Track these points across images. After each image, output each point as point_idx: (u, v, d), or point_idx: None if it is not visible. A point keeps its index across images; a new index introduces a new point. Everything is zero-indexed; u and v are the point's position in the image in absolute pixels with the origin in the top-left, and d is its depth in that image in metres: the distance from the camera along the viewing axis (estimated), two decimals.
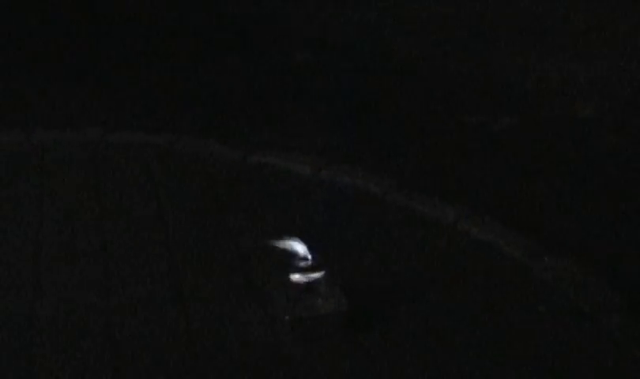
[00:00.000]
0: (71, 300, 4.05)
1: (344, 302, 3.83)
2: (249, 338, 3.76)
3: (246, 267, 4.28)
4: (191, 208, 4.85)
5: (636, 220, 4.79)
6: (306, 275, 3.87)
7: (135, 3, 8.66)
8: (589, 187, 5.18)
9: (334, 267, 4.03)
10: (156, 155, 5.50)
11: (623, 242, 4.58)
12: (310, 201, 4.89)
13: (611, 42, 7.51)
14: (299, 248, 3.91)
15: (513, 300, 3.99)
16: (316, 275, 3.86)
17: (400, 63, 7.32)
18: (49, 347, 3.74)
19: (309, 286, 3.86)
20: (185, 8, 8.64)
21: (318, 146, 5.64)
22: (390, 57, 7.47)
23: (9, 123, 6.11)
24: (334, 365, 3.60)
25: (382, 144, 5.78)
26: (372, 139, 5.88)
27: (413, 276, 4.18)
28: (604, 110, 6.27)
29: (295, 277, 3.88)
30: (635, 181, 5.23)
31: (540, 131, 6.02)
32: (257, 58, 7.49)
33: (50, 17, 8.27)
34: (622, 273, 4.23)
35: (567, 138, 5.89)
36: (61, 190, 5.12)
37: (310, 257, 3.89)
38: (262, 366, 3.59)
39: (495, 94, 6.63)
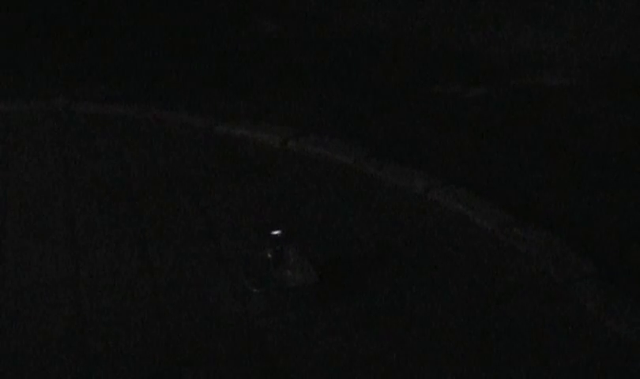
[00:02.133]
0: (37, 271, 4.00)
1: (314, 274, 3.80)
2: (219, 311, 3.73)
3: (215, 239, 4.23)
4: (160, 179, 4.80)
5: (608, 189, 4.79)
6: (275, 248, 3.83)
7: None
8: (560, 156, 5.18)
9: (304, 239, 4.00)
10: (124, 126, 5.45)
11: (596, 212, 4.58)
12: (279, 172, 4.85)
13: (582, 12, 7.51)
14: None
15: (483, 270, 3.98)
16: (285, 247, 3.82)
17: (371, 34, 7.29)
18: (15, 319, 3.69)
19: (278, 258, 3.82)
20: None
21: (287, 116, 5.60)
22: (362, 27, 7.43)
23: None
24: (304, 336, 3.57)
25: (353, 115, 5.75)
26: (343, 109, 5.84)
27: (383, 247, 4.16)
28: (574, 79, 6.27)
29: (265, 250, 3.85)
30: (606, 150, 5.24)
31: (511, 101, 6.01)
32: (227, 29, 7.43)
33: None
34: (594, 243, 4.23)
35: (538, 108, 5.88)
36: (26, 161, 5.06)
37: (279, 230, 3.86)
38: (232, 338, 3.56)
39: (466, 64, 6.61)
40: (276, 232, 3.87)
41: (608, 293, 3.79)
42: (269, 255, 3.85)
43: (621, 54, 6.61)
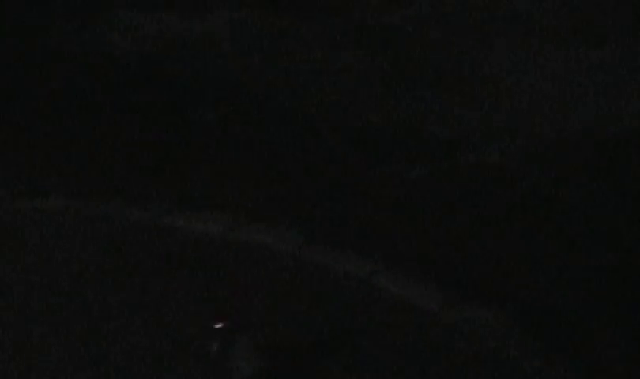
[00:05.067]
0: None
1: (262, 363, 3.79)
2: None
3: (161, 332, 4.21)
4: (105, 273, 4.76)
5: (551, 266, 4.84)
6: (221, 340, 3.82)
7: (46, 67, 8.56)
8: (502, 234, 5.23)
9: (251, 328, 3.99)
10: (64, 220, 5.40)
11: (540, 289, 4.61)
12: (224, 263, 4.84)
13: (522, 90, 7.63)
14: None
15: (430, 352, 3.99)
16: (232, 338, 3.82)
17: (310, 113, 7.34)
18: None
19: (225, 350, 3.81)
20: (85, 70, 8.56)
21: (229, 205, 5.59)
22: (301, 107, 7.49)
23: None
24: None
25: (295, 199, 5.77)
26: (284, 194, 5.85)
27: (330, 333, 4.16)
28: (513, 157, 6.35)
29: (211, 342, 3.83)
30: (547, 227, 5.30)
31: (453, 179, 6.06)
32: (165, 118, 7.44)
33: None
34: (539, 320, 4.26)
35: (479, 185, 5.94)
36: None
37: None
38: None
39: (407, 143, 6.67)
40: (221, 324, 3.86)
41: (554, 368, 3.83)
42: (216, 347, 3.83)
43: (558, 132, 6.73)
